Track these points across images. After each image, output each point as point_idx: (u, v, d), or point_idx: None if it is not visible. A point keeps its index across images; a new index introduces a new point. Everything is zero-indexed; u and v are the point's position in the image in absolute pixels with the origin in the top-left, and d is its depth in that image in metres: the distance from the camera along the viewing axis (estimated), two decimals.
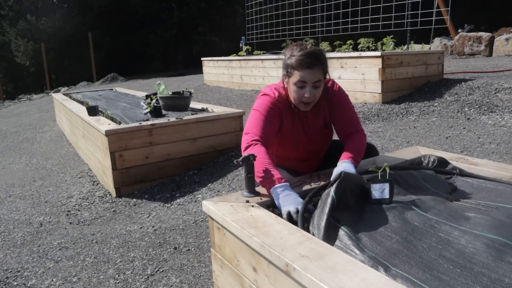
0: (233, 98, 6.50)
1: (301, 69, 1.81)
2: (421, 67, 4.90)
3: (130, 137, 3.37)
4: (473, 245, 1.22)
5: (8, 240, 2.79)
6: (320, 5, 7.60)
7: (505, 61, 6.58)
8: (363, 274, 1.07)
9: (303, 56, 1.81)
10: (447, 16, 7.10)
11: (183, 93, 4.29)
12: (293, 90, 1.87)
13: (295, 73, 1.84)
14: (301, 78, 1.82)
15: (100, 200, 3.41)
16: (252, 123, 1.90)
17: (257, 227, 1.39)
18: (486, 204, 1.51)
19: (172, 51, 22.20)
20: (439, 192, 1.69)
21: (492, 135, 3.40)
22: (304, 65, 1.80)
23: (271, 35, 8.97)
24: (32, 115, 8.85)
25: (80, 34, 19.43)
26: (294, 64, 1.82)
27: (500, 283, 1.05)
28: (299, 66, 1.81)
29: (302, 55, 1.81)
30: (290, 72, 1.86)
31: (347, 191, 1.53)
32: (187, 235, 2.59)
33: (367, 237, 1.33)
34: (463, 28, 8.85)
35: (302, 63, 1.80)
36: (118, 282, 2.16)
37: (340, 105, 2.03)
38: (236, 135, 3.93)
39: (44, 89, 18.37)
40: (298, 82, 1.84)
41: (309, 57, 1.81)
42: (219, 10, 21.12)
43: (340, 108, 2.03)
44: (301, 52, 1.82)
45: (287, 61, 1.87)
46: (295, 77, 1.84)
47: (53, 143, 5.76)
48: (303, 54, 1.81)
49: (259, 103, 1.95)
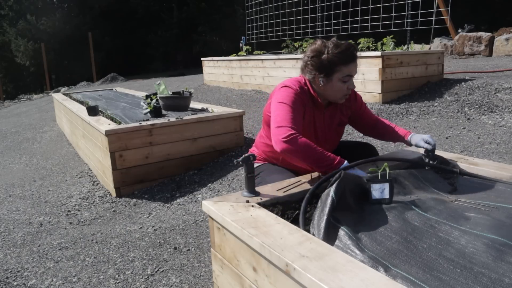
0: (233, 98, 6.50)
1: (349, 63, 1.87)
2: (421, 67, 4.90)
3: (130, 137, 3.37)
4: (473, 245, 1.22)
5: (8, 240, 2.79)
6: (320, 5, 7.60)
7: (505, 61, 6.58)
8: (363, 274, 1.07)
9: (348, 50, 1.86)
10: (447, 16, 7.10)
11: (183, 93, 4.29)
12: (338, 86, 1.91)
13: (342, 69, 1.87)
14: (349, 72, 1.88)
15: (100, 200, 3.41)
16: (283, 116, 1.82)
17: (257, 227, 1.39)
18: (486, 204, 1.51)
19: (172, 51, 22.19)
20: (439, 191, 1.69)
21: (492, 135, 3.40)
22: (352, 59, 1.87)
23: (271, 35, 8.97)
24: (32, 115, 8.85)
25: (80, 34, 19.41)
26: (342, 59, 1.86)
27: (500, 283, 1.05)
28: (348, 60, 1.86)
29: (346, 50, 1.86)
30: (332, 69, 1.87)
31: (347, 191, 1.53)
32: (187, 235, 2.59)
33: (367, 237, 1.33)
34: (463, 28, 8.85)
35: (350, 57, 1.86)
36: (118, 282, 2.16)
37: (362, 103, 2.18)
38: (236, 135, 3.93)
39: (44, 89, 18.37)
40: (346, 77, 1.89)
41: (353, 50, 1.88)
42: (219, 10, 21.11)
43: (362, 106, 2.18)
44: (342, 47, 1.87)
45: (328, 58, 1.87)
46: (341, 73, 1.88)
47: (53, 143, 5.76)
48: (347, 48, 1.87)
49: (283, 95, 1.90)
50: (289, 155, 1.76)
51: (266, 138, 2.12)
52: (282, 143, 1.74)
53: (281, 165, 2.14)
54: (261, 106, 5.63)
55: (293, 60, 5.84)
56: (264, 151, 2.19)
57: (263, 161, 2.22)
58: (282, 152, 1.76)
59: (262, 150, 2.20)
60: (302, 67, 1.99)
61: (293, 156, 1.76)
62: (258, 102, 5.93)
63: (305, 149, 1.72)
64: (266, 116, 2.05)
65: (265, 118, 2.09)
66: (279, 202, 1.65)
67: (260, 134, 2.24)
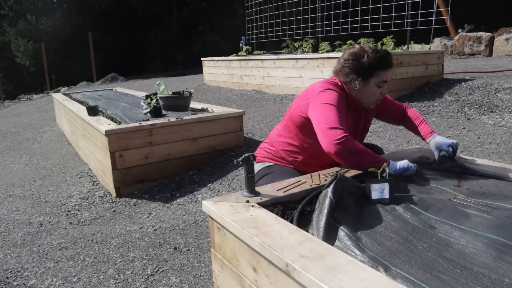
0: (233, 98, 6.50)
1: (387, 69, 1.91)
2: (421, 67, 4.90)
3: (130, 137, 3.37)
4: (473, 245, 1.22)
5: (8, 240, 2.79)
6: (320, 5, 7.60)
7: (505, 61, 6.58)
8: (363, 274, 1.07)
9: (386, 57, 1.91)
10: (447, 16, 7.10)
11: (183, 93, 4.29)
12: (373, 90, 1.94)
13: (379, 74, 1.91)
14: (385, 78, 1.92)
15: (100, 200, 3.41)
16: (334, 117, 1.81)
17: (257, 227, 1.39)
18: (486, 203, 1.51)
19: (172, 51, 22.19)
20: (439, 191, 1.69)
21: (492, 135, 3.40)
22: (390, 65, 1.92)
23: (271, 35, 8.97)
24: (32, 115, 8.85)
25: (80, 34, 19.41)
26: (382, 64, 1.90)
27: (500, 283, 1.05)
28: (386, 66, 1.91)
29: (385, 55, 1.91)
30: (371, 72, 1.91)
31: (346, 191, 1.53)
32: (187, 235, 2.59)
33: (367, 237, 1.33)
34: (463, 28, 8.85)
35: (388, 63, 1.91)
36: (118, 282, 2.16)
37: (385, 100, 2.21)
38: (236, 135, 3.93)
39: (44, 89, 18.37)
40: (381, 82, 1.92)
41: (390, 57, 1.93)
42: (219, 10, 21.12)
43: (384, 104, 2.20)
44: (380, 53, 1.91)
45: (367, 61, 1.91)
46: (379, 78, 1.92)
47: (53, 143, 5.76)
48: (385, 54, 1.92)
49: (329, 97, 1.89)
50: (341, 157, 1.77)
51: (289, 138, 2.09)
52: (336, 145, 1.75)
53: (295, 168, 2.11)
54: (261, 106, 5.63)
55: (293, 60, 5.84)
56: (284, 150, 2.13)
57: (277, 161, 2.16)
58: (335, 153, 1.76)
59: (281, 149, 2.15)
60: (338, 69, 2.00)
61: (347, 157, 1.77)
62: (258, 102, 5.93)
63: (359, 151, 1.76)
64: (298, 117, 2.02)
65: (295, 119, 2.04)
66: (279, 202, 1.65)
67: (280, 133, 2.17)
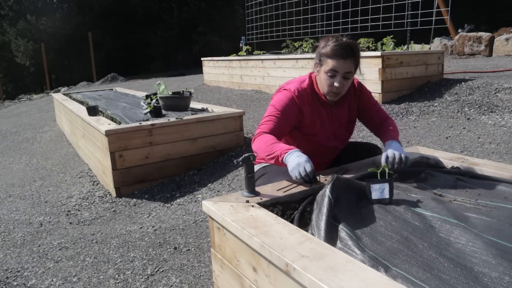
0: (233, 98, 6.50)
1: (334, 58, 1.88)
2: (421, 67, 4.90)
3: (130, 137, 3.37)
4: (473, 244, 1.22)
5: (8, 240, 2.79)
6: (320, 5, 7.59)
7: (505, 61, 6.58)
8: (363, 274, 1.07)
9: (338, 46, 1.88)
10: (447, 16, 7.10)
11: (183, 93, 4.29)
12: (324, 79, 1.94)
13: (327, 62, 1.90)
14: (333, 67, 1.89)
15: (100, 200, 3.41)
16: (266, 118, 1.98)
17: (257, 227, 1.39)
18: (486, 204, 1.51)
19: (172, 51, 22.17)
20: (439, 191, 1.69)
21: (492, 135, 3.40)
22: (338, 55, 1.87)
23: (271, 35, 8.97)
24: (32, 115, 8.84)
25: (80, 34, 19.40)
26: (329, 53, 1.89)
27: (500, 281, 1.05)
28: (333, 55, 1.88)
29: (337, 45, 1.88)
30: (322, 60, 1.93)
31: (345, 191, 1.53)
32: (187, 235, 2.59)
33: (367, 237, 1.33)
34: (463, 28, 8.85)
35: (336, 52, 1.87)
36: (118, 282, 2.16)
37: (369, 100, 2.15)
38: (236, 135, 3.93)
39: (44, 89, 18.36)
40: (329, 71, 1.90)
41: (344, 48, 1.88)
42: (219, 10, 21.11)
43: (368, 103, 2.15)
44: (336, 42, 1.89)
45: (321, 50, 1.93)
46: (327, 66, 1.90)
47: (53, 143, 5.76)
48: (338, 44, 1.88)
49: (277, 99, 2.01)
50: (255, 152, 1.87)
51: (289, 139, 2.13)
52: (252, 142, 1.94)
53: None
54: (261, 106, 5.63)
55: (293, 60, 5.84)
56: None
57: None
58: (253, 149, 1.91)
59: None
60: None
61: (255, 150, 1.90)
62: (258, 102, 5.93)
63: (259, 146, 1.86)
64: None
65: None
66: (279, 202, 1.65)
67: None
